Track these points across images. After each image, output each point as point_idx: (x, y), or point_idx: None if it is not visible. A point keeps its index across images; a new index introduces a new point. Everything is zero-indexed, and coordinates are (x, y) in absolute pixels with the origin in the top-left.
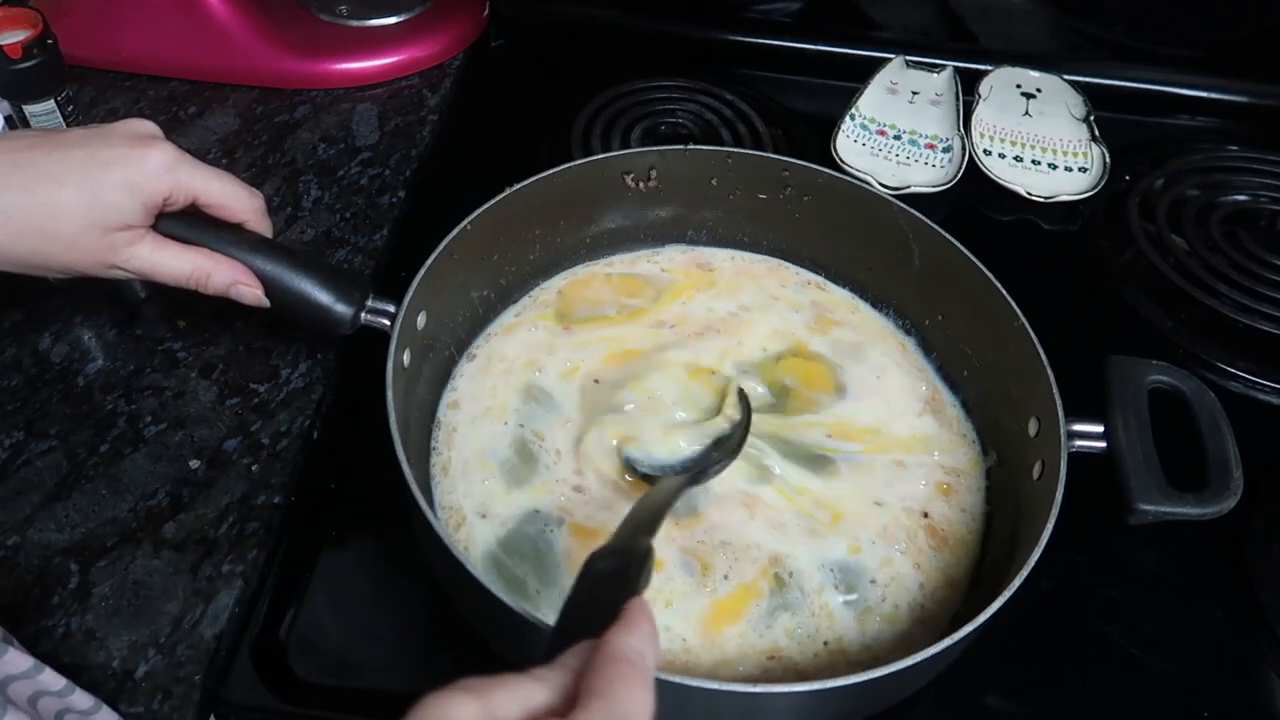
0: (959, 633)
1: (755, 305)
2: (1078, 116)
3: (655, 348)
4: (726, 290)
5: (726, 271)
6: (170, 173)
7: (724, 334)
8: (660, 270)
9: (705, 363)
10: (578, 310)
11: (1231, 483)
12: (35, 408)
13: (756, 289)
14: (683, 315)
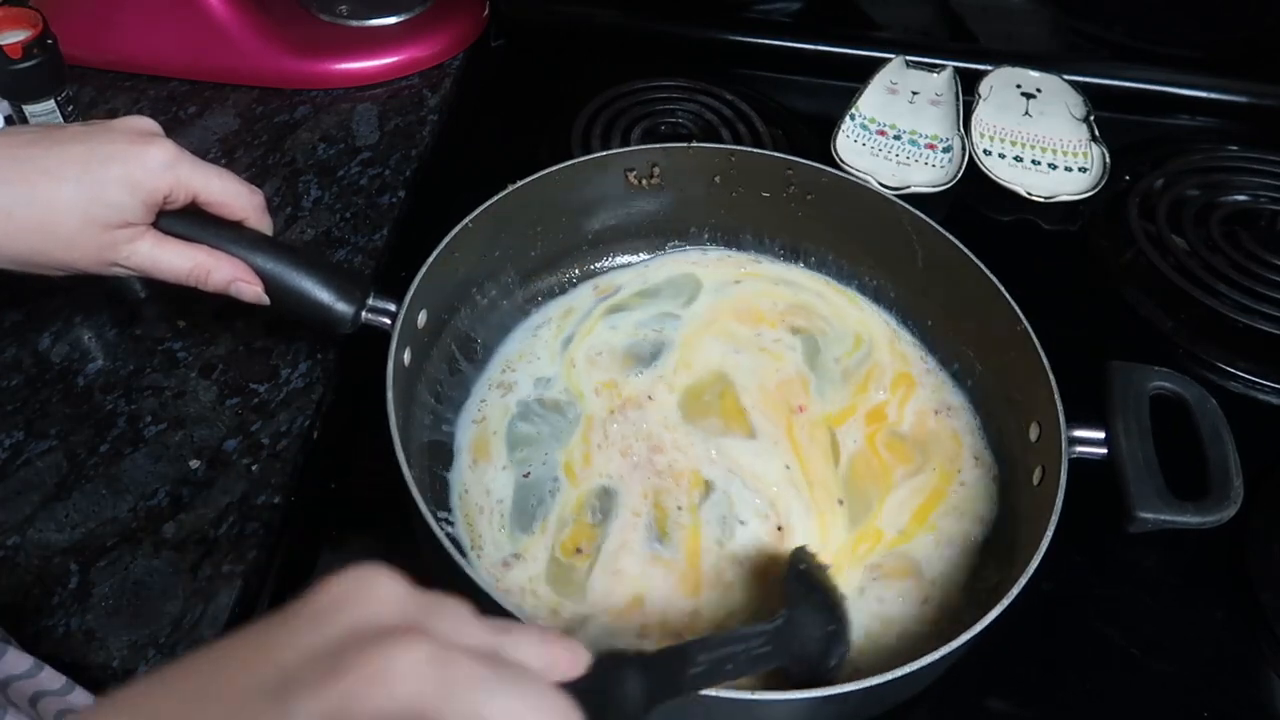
0: (960, 637)
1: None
2: (1078, 116)
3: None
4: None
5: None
6: (170, 170)
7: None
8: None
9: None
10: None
11: (1232, 491)
12: (35, 408)
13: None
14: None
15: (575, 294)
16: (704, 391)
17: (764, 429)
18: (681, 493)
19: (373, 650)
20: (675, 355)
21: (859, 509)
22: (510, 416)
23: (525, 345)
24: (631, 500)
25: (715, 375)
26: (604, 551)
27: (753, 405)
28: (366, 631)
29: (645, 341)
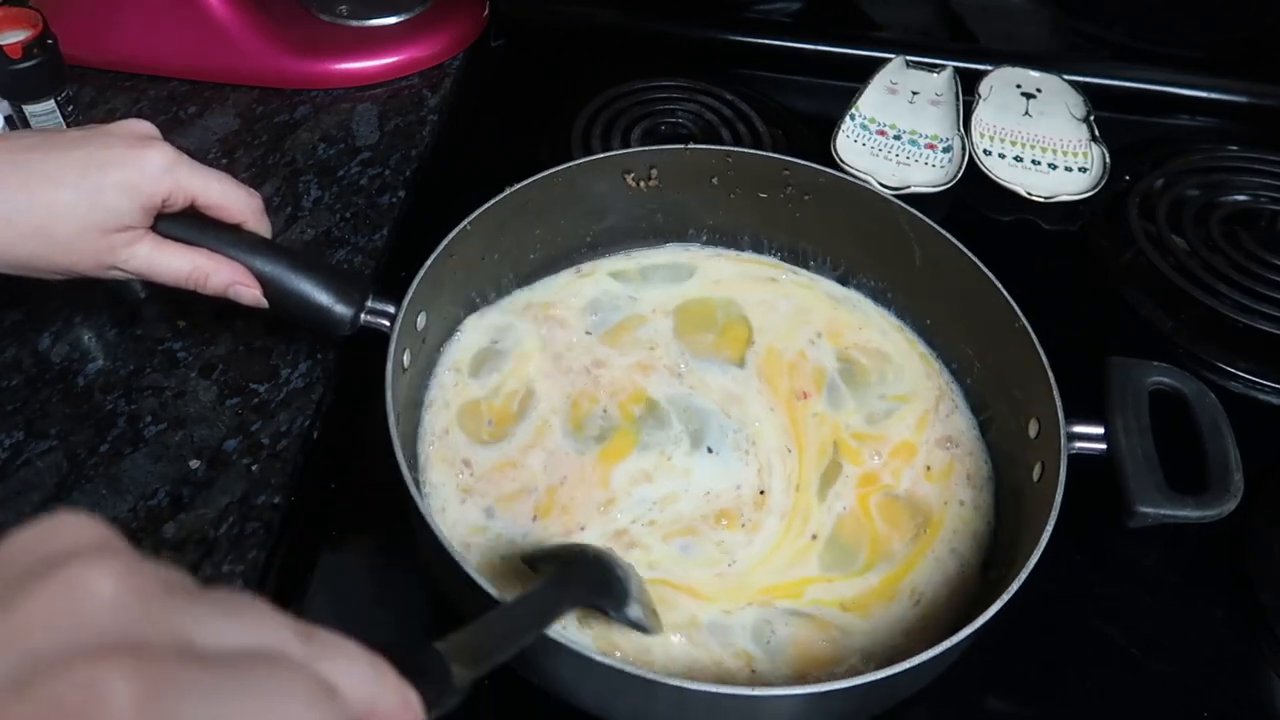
0: (959, 634)
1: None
2: (1078, 116)
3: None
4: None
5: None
6: (169, 174)
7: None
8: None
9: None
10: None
11: (1232, 485)
12: (35, 408)
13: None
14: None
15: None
16: (714, 309)
17: (762, 382)
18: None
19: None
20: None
21: (838, 557)
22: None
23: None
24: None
25: (731, 303)
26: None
27: (760, 350)
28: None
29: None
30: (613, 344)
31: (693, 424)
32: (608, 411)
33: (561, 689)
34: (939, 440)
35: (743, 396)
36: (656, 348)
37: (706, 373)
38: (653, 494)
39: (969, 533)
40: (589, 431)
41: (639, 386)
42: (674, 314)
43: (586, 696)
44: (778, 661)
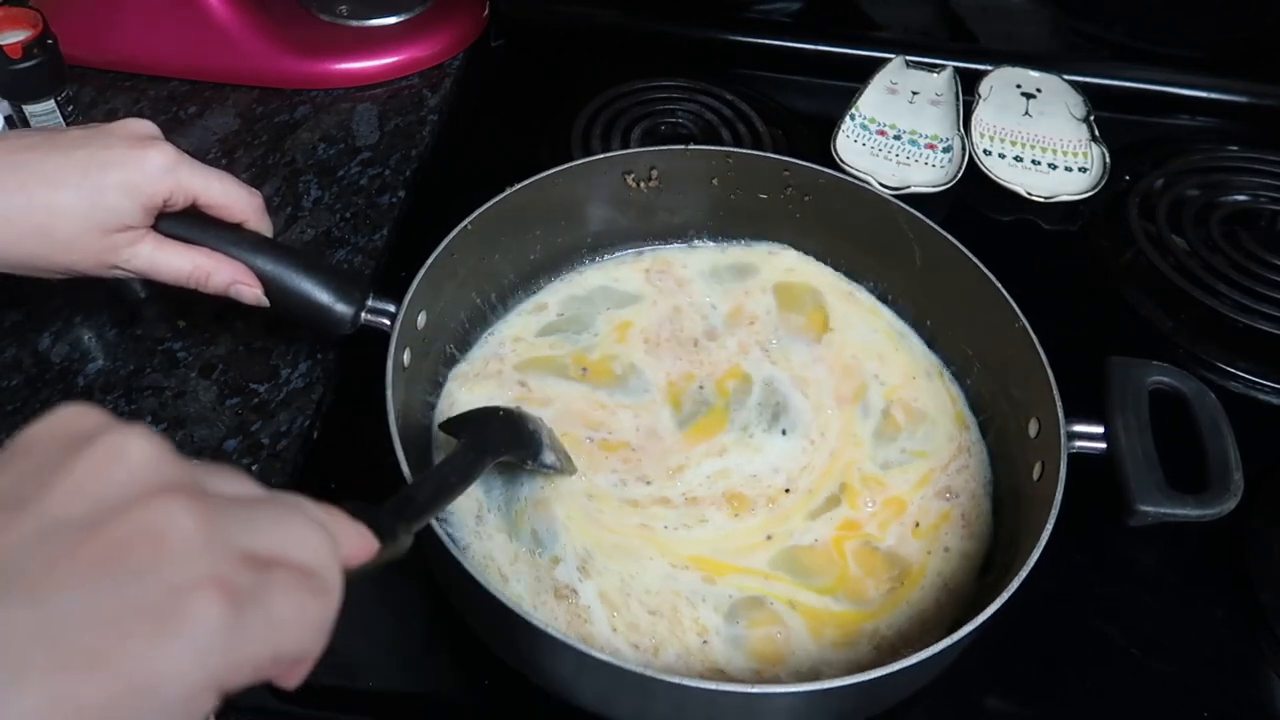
0: (959, 633)
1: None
2: (1078, 116)
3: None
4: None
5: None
6: (170, 173)
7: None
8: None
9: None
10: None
11: (1232, 484)
12: (35, 408)
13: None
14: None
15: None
16: (804, 294)
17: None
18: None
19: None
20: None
21: (794, 570)
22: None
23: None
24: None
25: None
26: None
27: (835, 342)
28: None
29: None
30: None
31: (772, 400)
32: (704, 389)
33: (561, 689)
34: (939, 491)
35: (818, 381)
36: (756, 322)
37: (791, 349)
38: (717, 467)
39: (960, 553)
40: (685, 409)
41: (736, 364)
42: (774, 290)
43: (586, 696)
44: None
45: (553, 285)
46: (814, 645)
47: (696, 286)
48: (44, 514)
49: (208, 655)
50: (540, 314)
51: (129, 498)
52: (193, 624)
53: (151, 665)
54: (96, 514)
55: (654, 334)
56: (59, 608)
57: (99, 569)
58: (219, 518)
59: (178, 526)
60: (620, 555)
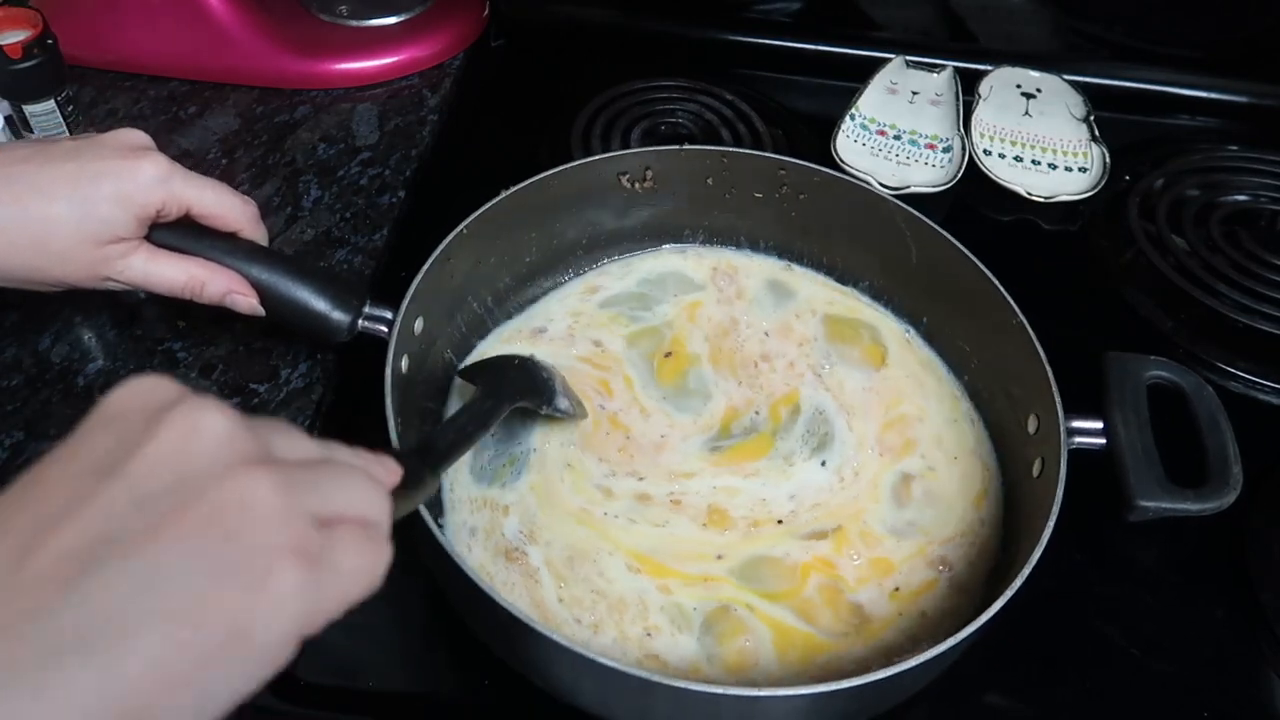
0: (960, 633)
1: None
2: (1078, 116)
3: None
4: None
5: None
6: (163, 184)
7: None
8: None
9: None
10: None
11: (1231, 478)
12: (35, 408)
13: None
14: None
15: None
16: (857, 328)
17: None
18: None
19: (229, 486)
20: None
21: (747, 573)
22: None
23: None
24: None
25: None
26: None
27: (890, 376)
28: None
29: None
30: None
31: (821, 430)
32: (759, 414)
33: (561, 689)
34: (932, 561)
35: (864, 412)
36: (806, 344)
37: (846, 376)
38: (734, 484)
39: (939, 612)
40: (733, 434)
41: (794, 388)
42: (823, 320)
43: (586, 696)
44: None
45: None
46: (777, 661)
47: (753, 300)
48: (135, 485)
49: (291, 610)
50: (595, 295)
51: (211, 471)
52: (278, 585)
53: (247, 617)
54: (183, 485)
55: (718, 344)
56: (163, 567)
57: (194, 535)
58: (292, 487)
59: (259, 498)
60: (564, 526)
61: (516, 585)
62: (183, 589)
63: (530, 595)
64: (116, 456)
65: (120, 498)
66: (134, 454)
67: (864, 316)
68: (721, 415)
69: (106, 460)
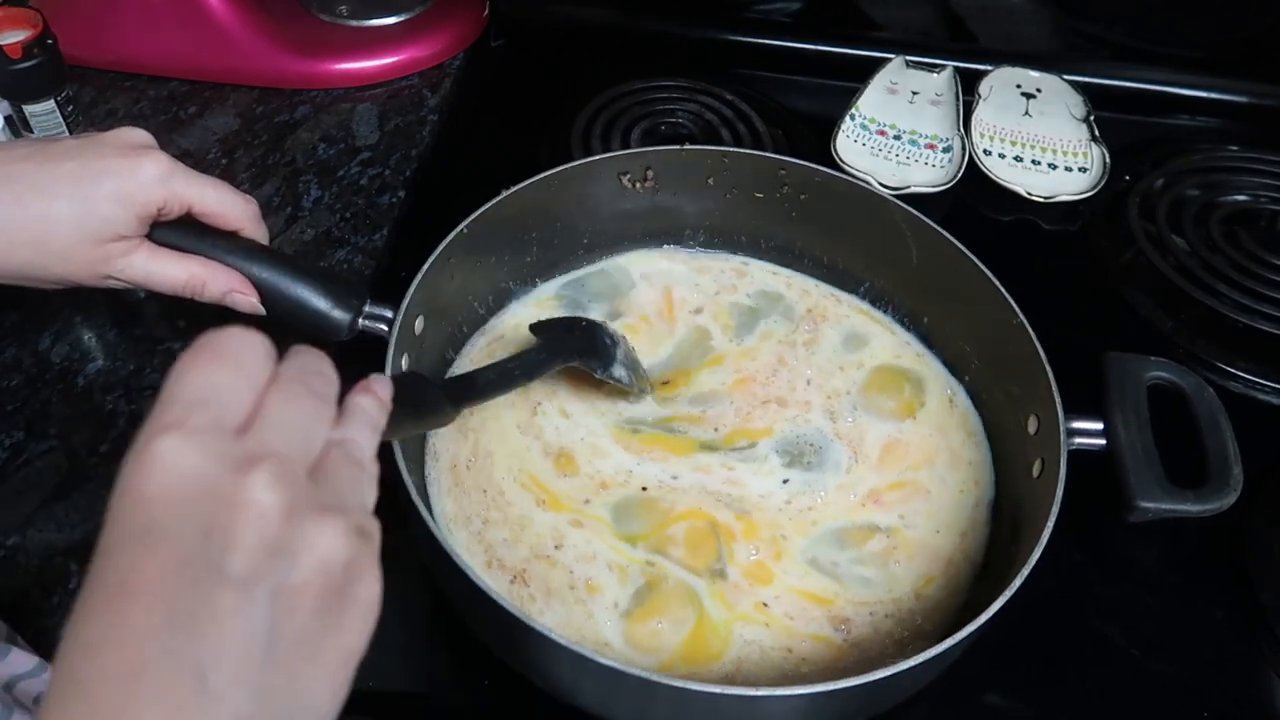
0: (960, 633)
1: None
2: (1078, 116)
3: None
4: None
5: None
6: (164, 183)
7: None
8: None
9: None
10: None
11: (1231, 479)
12: (35, 408)
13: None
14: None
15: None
16: (902, 381)
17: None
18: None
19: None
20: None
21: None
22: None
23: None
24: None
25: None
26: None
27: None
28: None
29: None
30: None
31: (802, 455)
32: (717, 431)
33: (561, 689)
34: (834, 621)
35: (874, 461)
36: (835, 396)
37: (868, 427)
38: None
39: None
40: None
41: (766, 427)
42: (871, 371)
43: (586, 696)
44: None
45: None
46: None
47: (818, 348)
48: (244, 582)
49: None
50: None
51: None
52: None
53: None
54: (276, 553)
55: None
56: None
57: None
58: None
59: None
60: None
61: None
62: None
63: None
64: (214, 554)
65: (253, 595)
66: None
67: (912, 367)
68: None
69: (210, 559)
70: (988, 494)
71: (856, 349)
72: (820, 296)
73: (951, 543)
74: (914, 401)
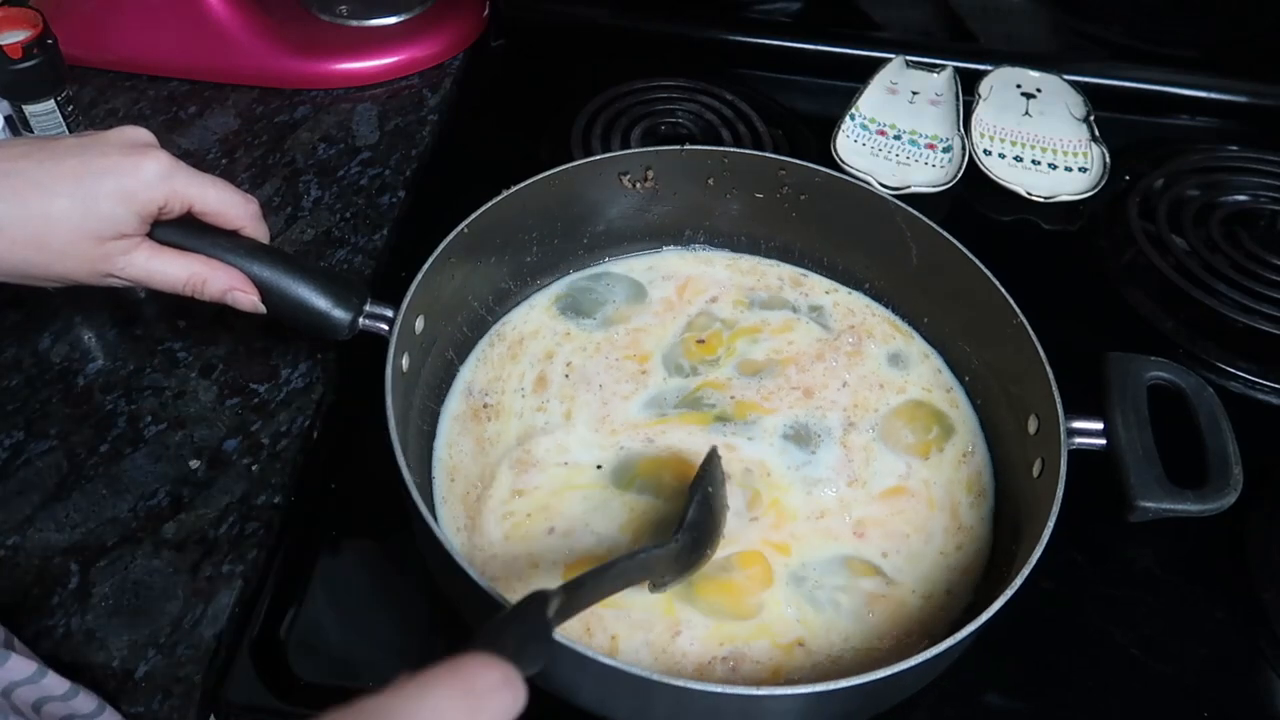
0: (959, 633)
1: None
2: (1078, 116)
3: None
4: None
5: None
6: (165, 181)
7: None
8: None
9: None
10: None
11: (1231, 479)
12: (35, 408)
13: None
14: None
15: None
16: (931, 419)
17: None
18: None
19: None
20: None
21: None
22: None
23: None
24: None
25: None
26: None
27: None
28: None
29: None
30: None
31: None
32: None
33: (561, 689)
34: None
35: (867, 484)
36: (863, 409)
37: (881, 464)
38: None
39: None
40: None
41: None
42: (907, 402)
43: (586, 696)
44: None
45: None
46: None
47: (861, 358)
48: None
49: None
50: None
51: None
52: None
53: None
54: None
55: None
56: None
57: None
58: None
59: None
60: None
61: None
62: None
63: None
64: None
65: None
66: None
67: (947, 410)
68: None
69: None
70: (983, 554)
71: (899, 369)
72: (855, 320)
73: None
74: (933, 445)
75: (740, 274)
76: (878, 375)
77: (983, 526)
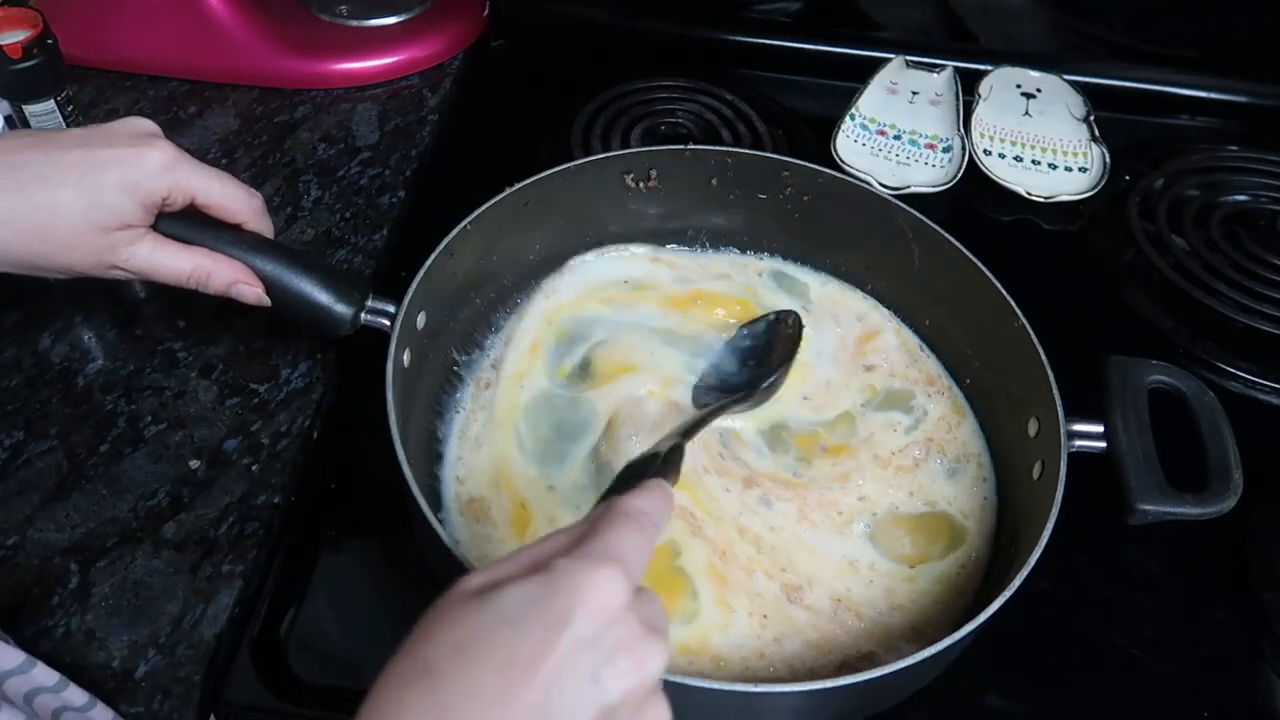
0: (959, 633)
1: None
2: (1078, 116)
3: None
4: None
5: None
6: (169, 172)
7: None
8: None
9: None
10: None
11: (1231, 483)
12: (35, 408)
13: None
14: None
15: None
16: (943, 528)
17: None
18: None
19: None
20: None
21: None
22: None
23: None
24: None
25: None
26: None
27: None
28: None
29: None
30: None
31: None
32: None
33: None
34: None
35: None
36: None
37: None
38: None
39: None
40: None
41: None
42: (933, 511)
43: None
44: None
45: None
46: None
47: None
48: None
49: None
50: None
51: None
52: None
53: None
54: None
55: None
56: None
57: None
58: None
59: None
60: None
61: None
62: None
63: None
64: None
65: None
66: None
67: (964, 526)
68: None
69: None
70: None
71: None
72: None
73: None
74: (928, 556)
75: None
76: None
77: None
